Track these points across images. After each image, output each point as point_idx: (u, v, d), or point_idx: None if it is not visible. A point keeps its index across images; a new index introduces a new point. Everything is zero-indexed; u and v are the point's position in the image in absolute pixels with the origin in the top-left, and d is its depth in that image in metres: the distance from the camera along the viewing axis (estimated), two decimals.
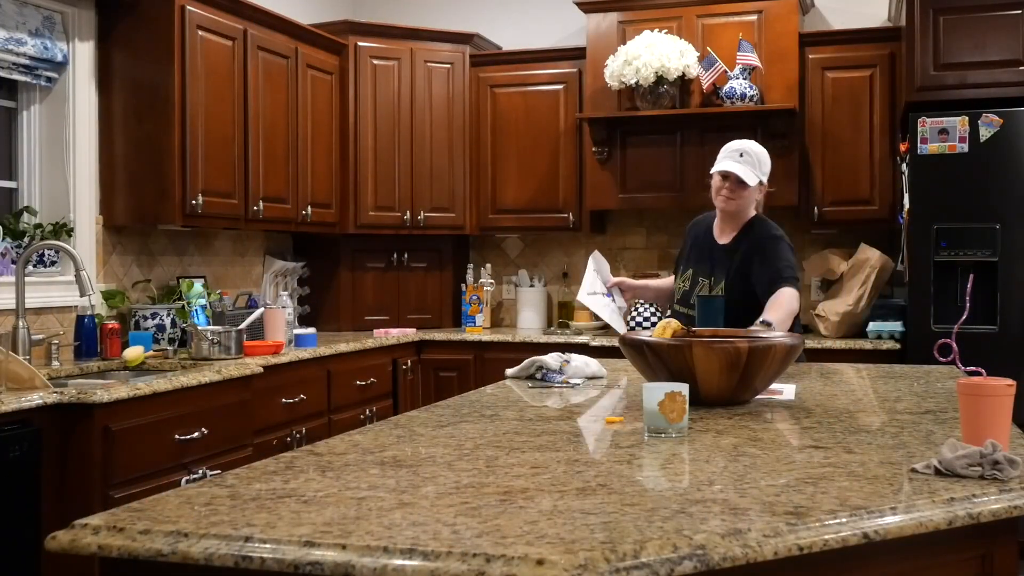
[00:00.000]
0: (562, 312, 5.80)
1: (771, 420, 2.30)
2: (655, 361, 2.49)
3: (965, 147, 4.39)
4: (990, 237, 4.37)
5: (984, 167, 4.38)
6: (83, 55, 4.20)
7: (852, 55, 5.13)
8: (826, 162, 5.16)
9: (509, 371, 3.15)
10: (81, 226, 4.17)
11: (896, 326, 4.79)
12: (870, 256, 5.04)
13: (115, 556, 1.38)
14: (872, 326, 4.85)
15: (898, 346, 4.70)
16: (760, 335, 2.69)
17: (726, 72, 5.06)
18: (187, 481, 3.41)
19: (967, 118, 4.39)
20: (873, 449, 1.95)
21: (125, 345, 4.03)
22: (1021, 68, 4.43)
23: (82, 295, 3.73)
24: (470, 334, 5.42)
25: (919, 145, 4.44)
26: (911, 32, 4.53)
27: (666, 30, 5.18)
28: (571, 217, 5.54)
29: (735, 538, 1.35)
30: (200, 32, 4.29)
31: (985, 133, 4.37)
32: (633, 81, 5.09)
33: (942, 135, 4.41)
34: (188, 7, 4.21)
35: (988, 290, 4.36)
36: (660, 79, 5.07)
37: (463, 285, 5.76)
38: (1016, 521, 1.67)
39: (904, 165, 4.64)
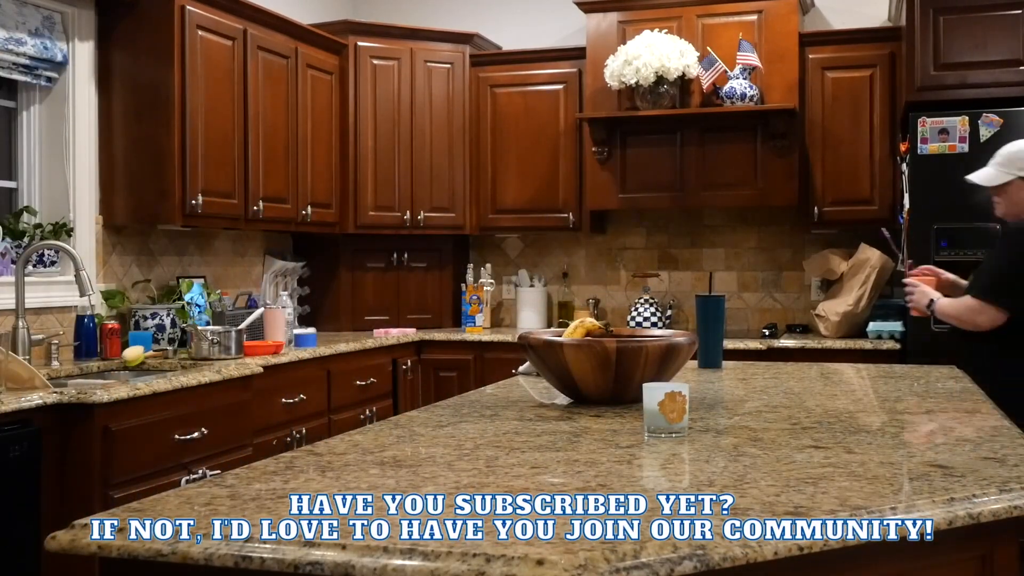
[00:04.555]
0: (562, 312, 5.79)
1: (771, 420, 2.30)
2: (538, 360, 2.48)
3: (965, 147, 4.39)
4: (990, 237, 4.37)
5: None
6: (83, 55, 4.19)
7: (852, 55, 5.13)
8: (826, 162, 5.16)
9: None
10: (81, 226, 4.17)
11: (896, 326, 4.79)
12: (870, 256, 5.04)
13: (115, 556, 1.38)
14: (872, 326, 4.86)
15: (898, 346, 4.70)
16: (635, 336, 2.65)
17: (726, 72, 5.06)
18: (187, 481, 3.41)
19: (967, 118, 4.38)
20: (873, 449, 1.95)
21: (125, 345, 4.03)
22: (1021, 68, 4.43)
23: (82, 295, 3.73)
24: (470, 334, 5.42)
25: (919, 145, 4.44)
26: (911, 32, 4.53)
27: (666, 30, 5.18)
28: (571, 217, 5.54)
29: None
30: (200, 32, 4.29)
31: (985, 133, 4.37)
32: (633, 81, 5.09)
33: (942, 135, 4.41)
34: (188, 7, 4.21)
35: None
36: (660, 79, 5.07)
37: (463, 285, 5.76)
38: (1016, 521, 1.67)
39: (904, 165, 4.64)
